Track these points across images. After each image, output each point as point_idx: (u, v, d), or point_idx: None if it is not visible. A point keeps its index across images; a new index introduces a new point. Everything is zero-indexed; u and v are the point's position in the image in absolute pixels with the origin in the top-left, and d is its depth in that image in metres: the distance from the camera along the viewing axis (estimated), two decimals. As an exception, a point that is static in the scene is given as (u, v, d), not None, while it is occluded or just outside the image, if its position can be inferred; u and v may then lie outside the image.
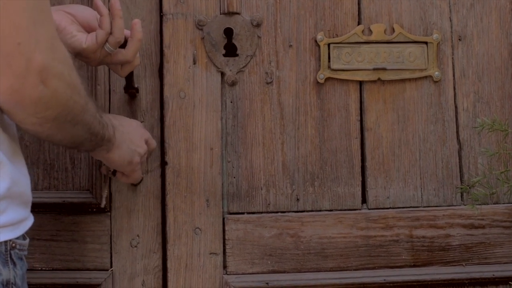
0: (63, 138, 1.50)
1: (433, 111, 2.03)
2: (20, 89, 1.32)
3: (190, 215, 1.98)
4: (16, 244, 1.47)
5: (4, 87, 1.32)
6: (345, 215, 2.00)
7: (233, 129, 1.99)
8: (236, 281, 1.98)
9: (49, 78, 1.35)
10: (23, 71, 1.32)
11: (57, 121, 1.43)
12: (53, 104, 1.38)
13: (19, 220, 1.48)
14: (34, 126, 1.42)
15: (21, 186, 1.48)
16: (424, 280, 2.00)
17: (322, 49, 1.99)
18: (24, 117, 1.39)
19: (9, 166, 1.45)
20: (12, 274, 1.46)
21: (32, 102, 1.35)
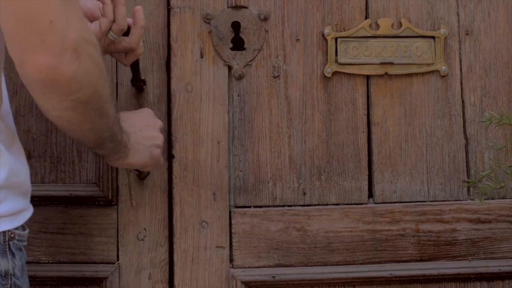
0: (90, 128, 1.47)
1: (440, 105, 2.03)
2: (56, 66, 1.31)
3: (196, 208, 1.98)
4: (15, 234, 1.46)
5: (40, 65, 1.31)
6: (351, 209, 2.00)
7: (240, 123, 2.00)
8: (242, 275, 1.98)
9: (82, 56, 1.34)
10: (59, 48, 1.31)
11: (88, 106, 1.41)
12: (86, 84, 1.37)
13: (18, 211, 1.47)
14: (67, 111, 1.39)
15: (19, 176, 1.48)
16: (430, 275, 2.01)
17: (329, 43, 1.99)
18: (58, 100, 1.37)
19: (7, 156, 1.44)
20: (11, 265, 1.46)
21: (67, 80, 1.33)
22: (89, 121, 1.45)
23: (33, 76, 1.33)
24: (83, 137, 1.52)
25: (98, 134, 1.52)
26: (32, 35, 1.31)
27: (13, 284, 1.46)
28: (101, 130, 1.51)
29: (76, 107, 1.39)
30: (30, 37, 1.31)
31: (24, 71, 1.33)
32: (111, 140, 1.57)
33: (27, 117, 1.98)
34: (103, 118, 1.47)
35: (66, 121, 1.43)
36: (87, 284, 1.98)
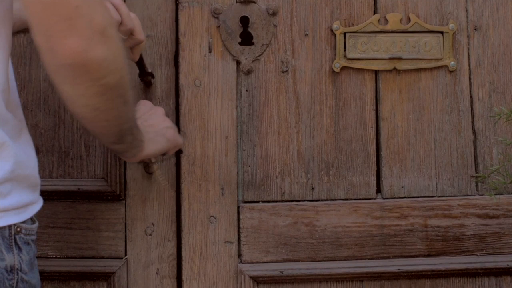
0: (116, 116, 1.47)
1: (448, 101, 2.03)
2: (87, 50, 1.32)
3: (205, 203, 1.98)
4: (21, 228, 1.45)
5: (70, 49, 1.31)
6: (359, 204, 2.00)
7: (249, 118, 1.99)
8: (250, 270, 1.98)
9: (109, 39, 1.34)
10: (87, 32, 1.32)
11: (115, 92, 1.41)
12: (113, 68, 1.37)
13: (25, 204, 1.46)
14: (95, 97, 1.39)
15: (27, 168, 1.47)
16: (438, 270, 2.01)
17: (338, 38, 1.99)
18: (87, 86, 1.37)
19: (13, 147, 1.43)
20: (17, 259, 1.44)
21: (97, 63, 1.34)
22: (115, 108, 1.44)
23: (64, 61, 1.33)
24: (108, 128, 1.50)
25: (121, 124, 1.51)
26: (61, 20, 1.31)
27: (20, 279, 1.45)
28: (124, 119, 1.51)
29: (103, 92, 1.39)
30: (59, 23, 1.32)
31: (55, 57, 1.33)
32: (131, 132, 1.57)
33: (35, 112, 1.97)
34: (127, 106, 1.47)
35: (93, 109, 1.42)
36: (95, 279, 1.98)
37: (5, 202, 1.41)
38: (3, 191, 1.40)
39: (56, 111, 1.97)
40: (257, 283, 1.98)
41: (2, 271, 1.41)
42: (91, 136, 1.98)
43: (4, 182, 1.40)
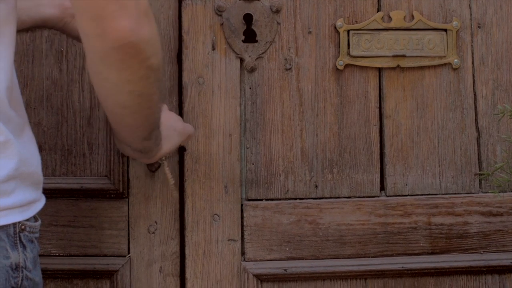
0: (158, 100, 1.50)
1: (452, 98, 2.03)
2: (136, 29, 1.35)
3: (208, 201, 1.97)
4: (25, 226, 1.44)
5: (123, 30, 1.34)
6: (363, 202, 2.00)
7: (252, 116, 1.99)
8: (254, 268, 1.98)
9: (151, 20, 1.39)
10: (136, 12, 1.35)
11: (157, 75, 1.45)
12: (157, 49, 1.41)
13: (29, 202, 1.46)
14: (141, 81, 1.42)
15: (30, 166, 1.46)
16: (442, 268, 2.01)
17: (341, 35, 1.99)
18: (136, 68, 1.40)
19: (17, 145, 1.42)
20: (22, 257, 1.44)
21: (145, 43, 1.37)
22: (156, 93, 1.48)
23: (115, 43, 1.35)
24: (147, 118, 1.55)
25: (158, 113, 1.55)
26: (112, 2, 1.34)
27: (24, 277, 1.45)
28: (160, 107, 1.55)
29: (148, 75, 1.42)
30: (110, 4, 1.34)
31: (105, 40, 1.35)
32: (158, 125, 1.61)
33: (38, 110, 1.97)
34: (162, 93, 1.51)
35: (138, 95, 1.45)
36: (98, 277, 1.98)
37: (9, 200, 1.40)
38: (8, 189, 1.40)
39: (59, 109, 1.97)
40: (261, 281, 1.98)
41: (7, 269, 1.41)
42: (94, 134, 1.97)
43: (9, 180, 1.40)
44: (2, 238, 1.40)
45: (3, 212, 1.39)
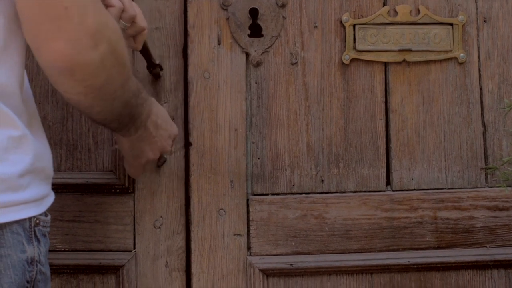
0: (100, 111, 1.48)
1: (458, 93, 2.02)
2: (72, 54, 1.31)
3: (214, 196, 1.97)
4: (40, 220, 1.45)
5: (55, 52, 1.30)
6: (369, 197, 2.00)
7: (258, 110, 1.99)
8: (260, 262, 1.97)
9: (99, 42, 1.33)
10: (76, 35, 1.30)
11: (101, 92, 1.41)
12: (100, 71, 1.37)
13: (42, 196, 1.47)
14: (79, 95, 1.40)
15: (43, 161, 1.47)
16: (448, 262, 2.00)
17: (347, 30, 1.99)
18: (71, 86, 1.37)
19: (32, 140, 1.43)
20: (37, 251, 1.45)
21: (82, 68, 1.33)
22: (99, 105, 1.45)
23: (48, 63, 1.33)
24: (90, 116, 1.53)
25: (105, 117, 1.52)
26: (48, 21, 1.30)
27: (38, 271, 1.45)
28: (110, 113, 1.51)
29: (89, 92, 1.40)
30: (46, 23, 1.30)
31: (40, 56, 1.33)
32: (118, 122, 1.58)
33: (43, 105, 1.96)
34: (115, 102, 1.47)
35: (76, 103, 1.44)
36: (103, 272, 1.97)
37: (25, 194, 1.41)
38: (24, 184, 1.40)
39: (64, 104, 1.96)
40: (267, 276, 1.98)
41: (23, 263, 1.41)
42: (99, 129, 1.97)
43: (25, 174, 1.41)
44: (19, 232, 1.40)
45: (20, 206, 1.40)
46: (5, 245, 1.39)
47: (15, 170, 1.39)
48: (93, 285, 1.97)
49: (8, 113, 1.39)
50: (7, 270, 1.39)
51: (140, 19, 1.76)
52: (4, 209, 1.38)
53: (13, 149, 1.39)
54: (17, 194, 1.39)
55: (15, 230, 1.40)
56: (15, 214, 1.40)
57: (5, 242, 1.39)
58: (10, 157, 1.39)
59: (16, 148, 1.40)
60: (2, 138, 1.38)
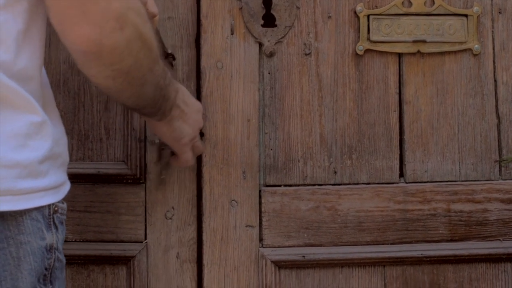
0: (131, 95, 1.47)
1: (472, 84, 2.01)
2: (98, 38, 1.30)
3: (226, 187, 1.96)
4: (58, 208, 1.46)
5: (81, 37, 1.30)
6: (382, 189, 1.99)
7: (271, 101, 1.97)
8: (272, 254, 1.96)
9: (124, 25, 1.32)
10: (100, 19, 1.30)
11: (129, 76, 1.40)
12: (127, 55, 1.36)
13: (60, 184, 1.47)
14: (107, 80, 1.39)
15: (60, 146, 1.48)
16: (461, 255, 1.99)
17: (361, 20, 1.97)
18: (99, 70, 1.36)
19: (51, 125, 1.43)
20: (55, 238, 1.45)
21: (108, 51, 1.33)
22: (129, 89, 1.44)
23: (74, 46, 1.32)
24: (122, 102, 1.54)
25: (137, 101, 1.51)
26: (74, 6, 1.30)
27: (56, 259, 1.46)
28: (141, 97, 1.50)
29: (116, 76, 1.39)
30: (72, 8, 1.30)
31: (66, 41, 1.32)
32: (152, 106, 1.57)
33: (55, 94, 1.91)
34: (145, 86, 1.46)
35: (105, 88, 1.43)
36: (114, 263, 1.96)
37: (45, 181, 1.41)
38: (43, 170, 1.40)
39: (76, 93, 1.95)
40: (279, 267, 1.97)
41: (43, 250, 1.41)
42: (111, 118, 1.96)
43: (44, 161, 1.40)
44: (38, 219, 1.40)
45: (40, 193, 1.40)
46: (25, 232, 1.39)
47: (36, 156, 1.39)
48: (103, 275, 1.96)
49: (29, 99, 1.39)
50: (27, 257, 1.39)
51: (151, 5, 1.76)
52: (25, 195, 1.37)
53: (34, 135, 1.39)
54: (37, 180, 1.39)
55: (35, 217, 1.40)
56: (36, 201, 1.40)
57: (25, 229, 1.39)
58: (31, 143, 1.38)
59: (36, 134, 1.39)
60: (23, 124, 1.38)
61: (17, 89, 1.37)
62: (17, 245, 1.38)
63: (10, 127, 1.36)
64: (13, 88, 1.36)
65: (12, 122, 1.37)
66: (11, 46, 1.36)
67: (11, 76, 1.36)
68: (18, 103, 1.37)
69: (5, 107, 1.36)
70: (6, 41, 1.35)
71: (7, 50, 1.35)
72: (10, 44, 1.36)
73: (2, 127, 1.36)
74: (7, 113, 1.36)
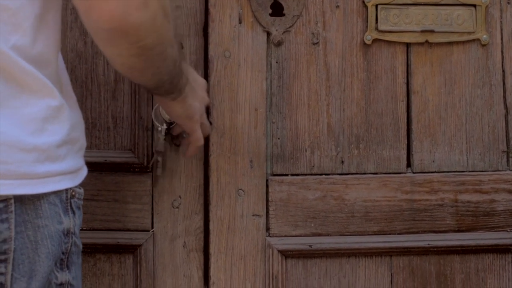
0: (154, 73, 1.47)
1: (480, 75, 2.01)
2: (124, 14, 1.30)
3: (233, 176, 1.96)
4: (75, 192, 1.46)
5: (107, 13, 1.30)
6: (389, 179, 1.98)
7: (278, 90, 1.97)
8: (279, 243, 1.96)
9: (149, 1, 1.33)
10: None
11: (153, 52, 1.41)
12: (152, 31, 1.36)
13: (77, 168, 1.48)
14: (132, 58, 1.39)
15: (77, 131, 1.49)
16: (468, 245, 1.99)
17: (369, 10, 1.97)
18: (124, 47, 1.36)
19: (68, 109, 1.44)
20: (72, 223, 1.46)
21: (135, 27, 1.32)
22: (152, 66, 1.44)
23: (100, 24, 1.32)
24: (144, 82, 1.52)
25: (159, 78, 1.51)
26: None
27: (73, 243, 1.46)
28: (163, 73, 1.50)
29: (141, 54, 1.39)
30: None
31: (90, 19, 1.32)
32: (170, 82, 1.57)
33: (62, 82, 1.95)
34: (166, 62, 1.47)
35: (129, 67, 1.43)
36: (121, 251, 1.96)
37: (62, 165, 1.41)
38: (61, 154, 1.41)
39: (83, 82, 1.95)
40: (285, 257, 1.97)
41: (60, 234, 1.42)
42: (119, 107, 1.96)
43: (62, 145, 1.41)
44: (56, 204, 1.41)
45: (58, 177, 1.41)
46: (43, 216, 1.39)
47: (54, 140, 1.39)
48: (110, 264, 1.97)
49: (47, 83, 1.39)
50: (44, 240, 1.39)
51: None
52: (43, 179, 1.38)
53: (52, 119, 1.40)
54: (55, 164, 1.40)
55: (53, 201, 1.41)
56: (54, 185, 1.40)
57: (42, 212, 1.39)
58: (49, 127, 1.39)
59: (54, 118, 1.40)
60: (41, 108, 1.38)
61: (35, 73, 1.37)
62: (34, 229, 1.38)
63: (28, 111, 1.37)
64: (31, 72, 1.37)
65: (30, 106, 1.37)
66: (28, 30, 1.36)
67: (28, 61, 1.37)
68: (36, 87, 1.38)
69: (23, 91, 1.37)
70: (23, 25, 1.36)
71: (24, 34, 1.36)
72: (27, 28, 1.36)
73: (21, 111, 1.36)
74: (25, 97, 1.37)
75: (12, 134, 1.35)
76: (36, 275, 1.39)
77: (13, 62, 1.35)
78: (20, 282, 1.38)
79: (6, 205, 1.35)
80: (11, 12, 1.35)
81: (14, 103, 1.36)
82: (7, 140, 1.34)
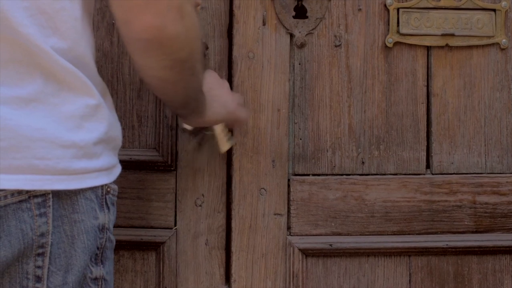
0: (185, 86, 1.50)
1: (499, 78, 2.04)
2: (162, 26, 1.34)
3: (255, 175, 1.99)
4: (110, 189, 1.49)
5: (146, 25, 1.34)
6: (409, 180, 2.01)
7: (301, 91, 2.00)
8: (299, 242, 1.99)
9: (184, 15, 1.36)
10: (165, 8, 1.33)
11: (185, 65, 1.44)
12: (186, 44, 1.40)
13: (112, 166, 1.50)
14: (164, 70, 1.42)
15: (115, 131, 1.51)
16: (486, 246, 2.02)
17: (391, 13, 2.00)
18: (159, 59, 1.39)
19: (107, 110, 1.47)
20: (107, 219, 1.48)
21: (171, 39, 1.36)
22: (183, 79, 1.48)
23: (138, 35, 1.35)
24: (173, 97, 1.55)
25: (187, 94, 1.55)
26: None
27: (108, 239, 1.49)
28: (191, 89, 1.54)
29: (174, 66, 1.42)
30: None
31: (129, 30, 1.35)
32: (196, 99, 1.60)
33: (88, 81, 1.98)
34: (194, 77, 1.49)
35: (161, 80, 1.46)
36: (144, 248, 1.99)
37: (99, 162, 1.44)
38: (98, 151, 1.43)
39: (109, 81, 1.98)
40: (306, 255, 2.00)
41: (95, 229, 1.44)
42: (144, 106, 1.99)
43: (99, 143, 1.44)
44: (92, 199, 1.44)
45: (94, 174, 1.43)
46: (79, 211, 1.42)
47: (91, 138, 1.42)
48: (133, 261, 1.99)
49: (86, 82, 1.42)
50: (81, 235, 1.42)
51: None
52: (80, 175, 1.41)
53: (89, 117, 1.42)
54: (92, 161, 1.42)
55: (89, 197, 1.43)
56: (90, 181, 1.43)
57: (79, 208, 1.42)
58: (86, 125, 1.42)
59: (92, 116, 1.43)
60: (80, 105, 1.41)
61: (75, 72, 1.40)
62: (71, 224, 1.41)
63: (67, 109, 1.40)
64: (71, 71, 1.40)
65: (70, 104, 1.40)
66: (68, 33, 1.39)
67: (68, 60, 1.39)
68: (75, 85, 1.41)
69: (62, 88, 1.40)
70: (62, 28, 1.39)
71: (64, 37, 1.39)
72: (66, 31, 1.39)
73: (59, 108, 1.39)
74: (65, 95, 1.40)
75: (51, 130, 1.38)
76: (72, 269, 1.42)
77: (53, 60, 1.38)
78: (56, 275, 1.40)
79: (44, 200, 1.38)
80: (48, 16, 1.38)
81: (53, 100, 1.39)
82: (46, 137, 1.37)
